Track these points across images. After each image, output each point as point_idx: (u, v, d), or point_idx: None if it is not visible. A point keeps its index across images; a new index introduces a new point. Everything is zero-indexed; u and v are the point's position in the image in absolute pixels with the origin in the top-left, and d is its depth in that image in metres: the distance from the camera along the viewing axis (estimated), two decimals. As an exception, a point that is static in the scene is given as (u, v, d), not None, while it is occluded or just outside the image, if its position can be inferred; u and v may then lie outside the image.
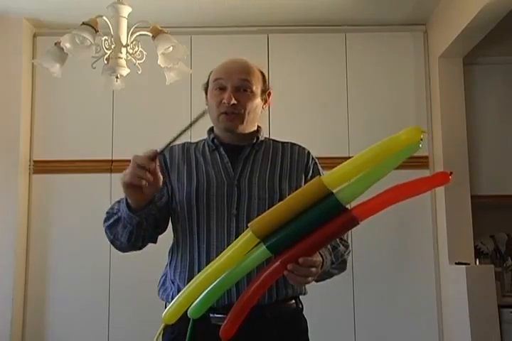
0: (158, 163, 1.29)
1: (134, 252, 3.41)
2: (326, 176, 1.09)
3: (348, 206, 1.10)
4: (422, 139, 1.04)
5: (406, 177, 3.67)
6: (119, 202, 1.45)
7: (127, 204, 1.34)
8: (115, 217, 1.43)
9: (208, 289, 1.13)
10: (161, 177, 1.31)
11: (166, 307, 1.51)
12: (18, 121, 3.53)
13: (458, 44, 3.29)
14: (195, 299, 1.13)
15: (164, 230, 1.54)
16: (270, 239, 1.10)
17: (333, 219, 1.09)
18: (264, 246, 1.11)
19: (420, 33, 3.72)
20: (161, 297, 1.52)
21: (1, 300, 3.36)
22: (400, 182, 1.00)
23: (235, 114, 1.50)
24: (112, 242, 1.49)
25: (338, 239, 1.49)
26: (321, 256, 1.31)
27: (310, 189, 1.10)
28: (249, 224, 1.12)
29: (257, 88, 1.54)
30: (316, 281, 1.43)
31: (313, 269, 1.21)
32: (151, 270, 1.63)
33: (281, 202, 1.12)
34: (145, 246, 1.51)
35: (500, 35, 3.29)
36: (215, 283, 1.12)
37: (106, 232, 1.49)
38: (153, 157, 1.27)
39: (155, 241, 1.53)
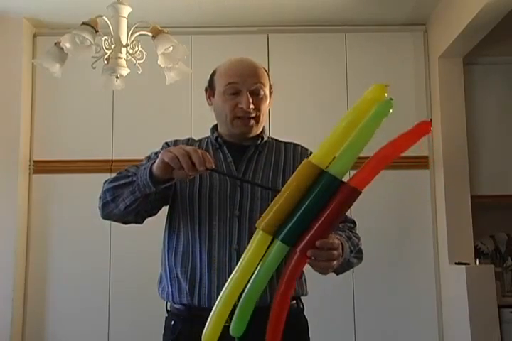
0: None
1: (134, 252, 3.40)
2: (314, 156, 1.09)
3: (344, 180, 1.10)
4: (391, 99, 1.06)
5: (406, 177, 3.68)
6: (137, 166, 1.41)
7: (150, 171, 1.30)
8: (128, 179, 1.38)
9: (240, 303, 1.10)
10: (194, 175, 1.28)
11: (166, 307, 1.51)
12: (18, 121, 3.53)
13: (458, 44, 3.29)
14: (228, 313, 1.09)
15: (154, 214, 1.52)
16: (282, 231, 1.08)
17: (335, 196, 1.07)
18: (279, 241, 1.09)
19: (420, 33, 3.72)
20: (161, 296, 1.52)
21: (1, 300, 3.36)
22: (399, 181, 0.99)
23: (250, 118, 1.50)
24: (106, 204, 1.42)
25: (349, 232, 1.47)
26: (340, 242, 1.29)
27: (303, 173, 1.09)
28: (256, 225, 1.10)
29: (267, 89, 1.54)
30: (337, 273, 1.41)
31: (334, 252, 1.18)
32: (151, 270, 1.63)
33: (279, 194, 1.10)
34: (130, 223, 1.49)
35: (500, 35, 3.29)
36: (244, 294, 1.09)
37: (105, 192, 1.42)
38: (208, 167, 1.23)
39: (141, 222, 1.51)
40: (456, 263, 3.25)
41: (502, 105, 3.72)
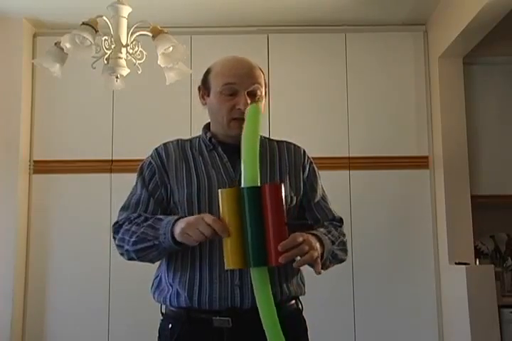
0: None
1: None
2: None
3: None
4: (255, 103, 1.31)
5: (407, 177, 3.66)
6: (154, 228, 1.39)
7: (174, 239, 1.34)
8: (149, 243, 1.39)
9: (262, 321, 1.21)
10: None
11: (161, 310, 1.50)
12: (18, 121, 3.53)
13: (458, 44, 3.29)
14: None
15: None
16: (249, 259, 1.16)
17: (263, 200, 1.17)
18: (253, 268, 1.17)
19: (420, 33, 3.73)
20: (157, 299, 1.50)
21: (1, 300, 3.36)
22: (399, 181, 1.00)
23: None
24: (132, 259, 1.48)
25: (331, 227, 1.50)
26: (315, 236, 1.35)
27: (227, 201, 1.19)
28: (225, 268, 1.20)
29: (263, 90, 1.52)
30: (324, 268, 1.43)
31: (305, 246, 1.23)
32: (151, 270, 1.63)
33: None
34: None
35: (500, 35, 3.29)
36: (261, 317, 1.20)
37: (128, 253, 1.46)
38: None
39: None
40: (456, 263, 3.25)
41: (502, 105, 3.72)
